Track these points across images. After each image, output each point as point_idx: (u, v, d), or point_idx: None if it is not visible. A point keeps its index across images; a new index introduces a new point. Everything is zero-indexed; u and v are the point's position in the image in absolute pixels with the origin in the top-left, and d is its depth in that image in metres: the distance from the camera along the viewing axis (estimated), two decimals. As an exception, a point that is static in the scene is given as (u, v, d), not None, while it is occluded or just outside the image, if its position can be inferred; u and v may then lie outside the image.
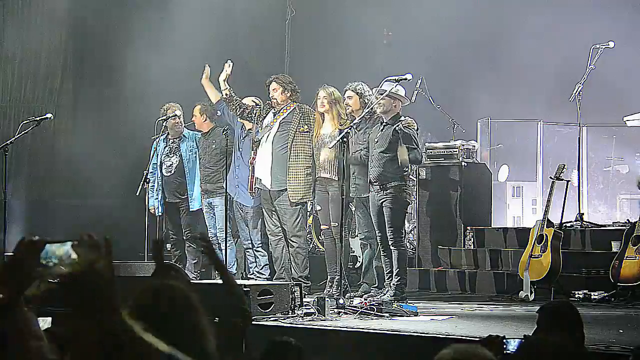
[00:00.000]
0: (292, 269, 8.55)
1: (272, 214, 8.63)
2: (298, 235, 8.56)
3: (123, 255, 8.23)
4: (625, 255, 7.64)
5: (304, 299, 7.14)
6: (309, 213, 9.75)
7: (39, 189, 10.98)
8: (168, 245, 9.64)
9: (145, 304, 2.37)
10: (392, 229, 7.76)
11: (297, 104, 8.65)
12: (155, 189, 9.42)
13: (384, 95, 7.79)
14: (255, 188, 8.72)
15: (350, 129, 7.74)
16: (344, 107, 8.38)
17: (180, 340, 2.31)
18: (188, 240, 9.47)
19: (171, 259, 9.36)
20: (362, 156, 8.10)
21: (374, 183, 7.86)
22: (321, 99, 8.45)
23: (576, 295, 7.75)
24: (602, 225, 9.07)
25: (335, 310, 6.89)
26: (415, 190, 9.44)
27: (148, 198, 9.31)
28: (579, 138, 9.38)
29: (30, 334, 2.38)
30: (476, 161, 9.87)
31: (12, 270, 2.31)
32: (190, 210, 9.42)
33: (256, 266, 9.09)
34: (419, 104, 10.10)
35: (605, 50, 9.05)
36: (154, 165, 9.47)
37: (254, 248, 9.08)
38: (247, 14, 12.02)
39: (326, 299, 6.86)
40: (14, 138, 8.60)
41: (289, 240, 8.56)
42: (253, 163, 8.72)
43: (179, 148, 9.48)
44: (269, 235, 8.76)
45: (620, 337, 5.49)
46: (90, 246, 2.17)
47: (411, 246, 9.81)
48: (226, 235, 8.62)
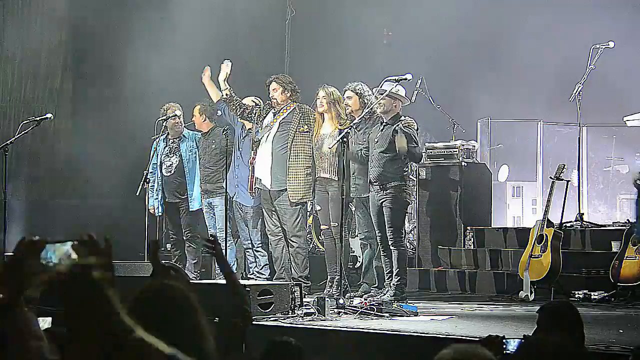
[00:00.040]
0: (292, 269, 8.55)
1: (272, 214, 8.63)
2: (298, 235, 8.56)
3: (123, 255, 8.23)
4: (625, 255, 7.64)
5: (304, 299, 7.14)
6: (309, 213, 9.75)
7: (39, 189, 10.97)
8: (168, 245, 9.64)
9: (143, 304, 2.37)
10: (392, 229, 7.76)
11: (297, 104, 8.65)
12: (155, 189, 9.42)
13: (384, 95, 7.79)
14: (255, 188, 8.72)
15: (350, 129, 7.74)
16: (343, 107, 8.38)
17: (179, 341, 2.31)
18: (188, 240, 9.47)
19: (171, 259, 9.36)
20: (363, 154, 8.10)
21: (374, 183, 7.86)
22: (320, 99, 8.45)
23: (576, 295, 7.75)
24: (602, 225, 9.07)
25: (335, 310, 6.89)
26: (415, 190, 9.43)
27: (148, 198, 9.31)
28: (579, 138, 9.38)
29: (30, 334, 2.38)
30: (476, 161, 9.87)
31: (12, 270, 2.31)
32: (190, 210, 9.42)
33: (256, 266, 9.09)
34: (419, 104, 10.10)
35: (605, 50, 9.05)
36: (154, 165, 9.46)
37: (254, 248, 9.08)
38: (247, 14, 12.02)
39: (326, 299, 6.86)
40: (14, 138, 8.59)
41: (289, 240, 8.56)
42: (253, 163, 8.73)
43: (178, 148, 9.48)
44: (269, 235, 8.76)
45: (620, 337, 5.49)
46: (90, 246, 2.17)
47: (411, 246, 9.81)
48: (226, 235, 8.61)
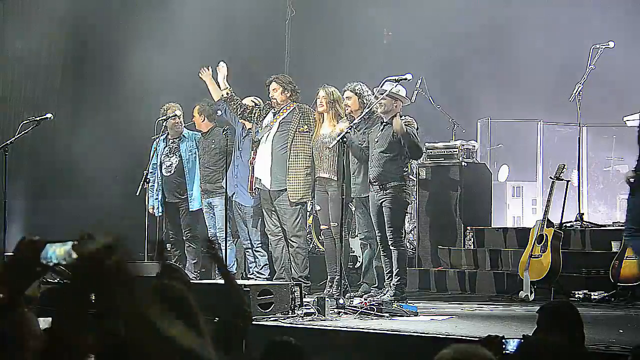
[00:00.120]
0: (292, 269, 8.55)
1: (272, 214, 8.63)
2: (298, 235, 8.56)
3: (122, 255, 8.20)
4: (625, 255, 7.63)
5: (304, 299, 7.14)
6: (308, 213, 9.75)
7: (39, 189, 10.95)
8: (168, 245, 9.64)
9: (139, 304, 2.36)
10: (392, 229, 7.76)
11: (297, 104, 8.65)
12: (155, 189, 9.42)
13: (384, 95, 7.78)
14: (255, 188, 8.72)
15: (350, 129, 7.74)
16: (343, 108, 8.37)
17: (173, 341, 2.31)
18: (188, 240, 9.47)
19: (171, 259, 9.36)
20: (365, 152, 8.08)
21: (374, 183, 7.86)
22: (321, 99, 8.45)
23: (576, 295, 7.75)
24: (602, 225, 9.07)
25: (335, 310, 6.89)
26: (415, 190, 9.44)
27: (148, 198, 9.31)
28: (579, 138, 9.38)
29: (30, 334, 2.38)
30: (476, 161, 9.87)
31: (12, 270, 2.31)
32: (190, 210, 9.42)
33: (256, 266, 9.08)
34: (419, 104, 10.10)
35: (605, 50, 9.05)
36: (154, 165, 9.46)
37: (253, 248, 9.08)
38: (248, 14, 12.02)
39: (326, 299, 6.85)
40: (14, 138, 8.59)
41: (289, 240, 8.56)
42: (253, 163, 8.72)
43: (178, 148, 9.48)
44: (269, 235, 8.75)
45: (620, 337, 5.49)
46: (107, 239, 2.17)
47: (411, 246, 9.81)
48: (226, 235, 8.61)
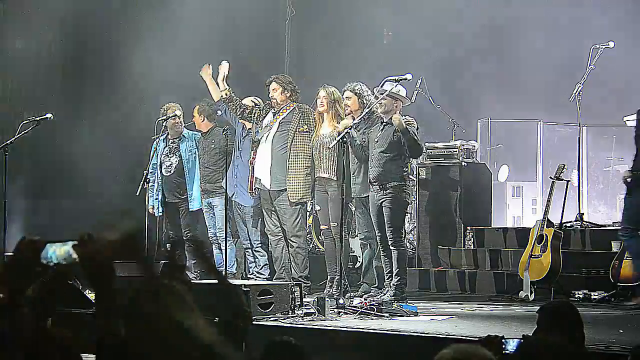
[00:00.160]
0: (292, 269, 8.54)
1: (272, 214, 8.63)
2: (298, 235, 8.55)
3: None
4: (625, 255, 7.62)
5: (304, 299, 7.14)
6: (308, 213, 9.75)
7: (39, 189, 10.95)
8: (168, 245, 9.63)
9: (137, 304, 2.36)
10: (392, 229, 7.75)
11: (297, 103, 8.65)
12: (155, 189, 9.42)
13: (384, 95, 7.78)
14: (255, 188, 8.72)
15: (350, 129, 7.74)
16: (343, 108, 8.37)
17: (172, 342, 2.31)
18: (188, 240, 9.46)
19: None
20: (365, 152, 8.08)
21: (374, 183, 7.85)
22: (321, 99, 8.45)
23: (576, 295, 7.75)
24: (602, 225, 9.07)
25: (335, 310, 6.89)
26: (415, 190, 9.44)
27: (148, 198, 9.30)
28: (579, 138, 9.38)
29: (30, 334, 2.37)
30: (476, 161, 9.87)
31: (12, 270, 2.31)
32: (190, 210, 9.42)
33: (255, 266, 9.08)
34: (419, 104, 10.10)
35: (605, 50, 9.05)
36: (154, 165, 9.46)
37: (253, 248, 9.08)
38: (248, 14, 12.02)
39: (326, 299, 6.85)
40: (14, 138, 8.58)
41: (289, 240, 8.56)
42: (253, 163, 8.72)
43: (178, 148, 9.48)
44: (269, 235, 8.75)
45: (620, 337, 5.49)
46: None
47: (411, 246, 9.81)
48: (226, 235, 8.61)
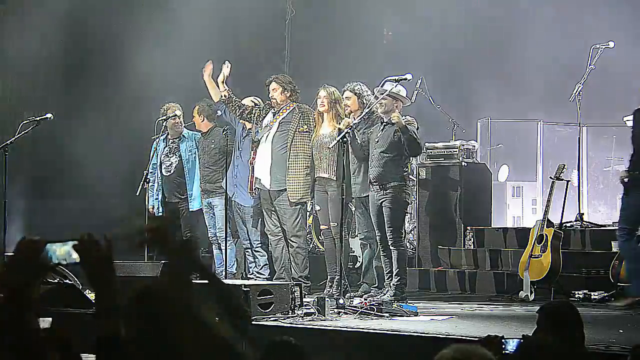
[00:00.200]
0: (292, 269, 8.54)
1: (272, 214, 8.63)
2: (298, 235, 8.55)
3: (123, 255, 8.22)
4: (626, 255, 7.63)
5: (304, 299, 7.14)
6: (308, 213, 9.75)
7: (39, 189, 10.95)
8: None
9: (136, 304, 2.37)
10: (392, 229, 7.75)
11: (297, 103, 8.64)
12: (155, 189, 9.42)
13: (384, 95, 7.78)
14: (255, 188, 8.72)
15: (350, 130, 7.74)
16: (343, 108, 8.37)
17: (172, 342, 2.31)
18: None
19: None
20: (364, 150, 8.07)
21: (374, 183, 7.85)
22: (321, 99, 8.44)
23: (576, 295, 7.75)
24: (602, 225, 9.07)
25: (335, 310, 6.89)
26: (415, 190, 9.44)
27: (148, 198, 9.30)
28: (579, 138, 9.38)
29: (31, 337, 2.37)
30: (476, 161, 9.87)
31: (13, 270, 2.31)
32: (190, 210, 9.42)
33: (255, 266, 9.08)
34: (419, 104, 10.10)
35: (605, 50, 9.05)
36: (154, 165, 9.46)
37: (253, 248, 9.07)
38: (248, 14, 12.02)
39: (326, 299, 6.85)
40: (14, 138, 8.58)
41: (289, 240, 8.55)
42: (252, 163, 8.72)
43: (178, 148, 9.48)
44: (269, 235, 8.75)
45: (620, 337, 5.49)
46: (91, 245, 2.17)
47: (411, 246, 9.81)
48: (226, 235, 8.61)
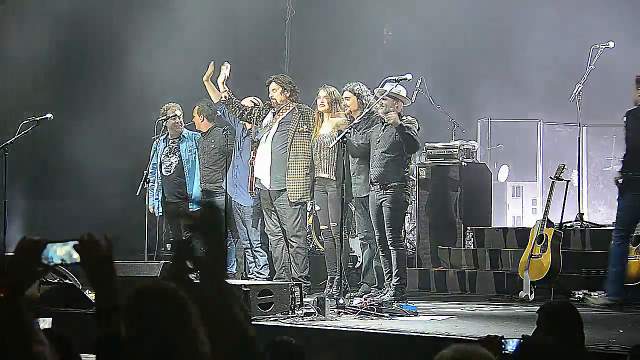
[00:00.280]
0: (292, 269, 8.54)
1: (272, 214, 8.62)
2: (298, 235, 8.55)
3: (123, 255, 8.22)
4: (625, 255, 7.62)
5: (304, 299, 7.14)
6: (308, 213, 9.75)
7: (39, 189, 10.96)
8: (168, 245, 9.63)
9: (136, 304, 2.36)
10: (391, 229, 7.75)
11: (297, 103, 8.64)
12: (155, 188, 9.42)
13: (384, 95, 7.78)
14: (255, 188, 8.72)
15: (350, 130, 7.74)
16: (343, 108, 8.37)
17: (172, 342, 2.30)
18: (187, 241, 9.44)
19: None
20: (361, 148, 8.05)
21: (375, 183, 7.85)
22: (321, 99, 8.44)
23: (576, 295, 7.74)
24: (602, 225, 9.07)
25: (335, 310, 6.89)
26: (415, 190, 9.43)
27: (148, 198, 9.30)
28: (579, 138, 9.38)
29: (31, 337, 2.36)
30: (476, 161, 9.87)
31: (13, 270, 2.31)
32: (190, 210, 9.40)
33: (255, 266, 9.08)
34: (419, 104, 10.10)
35: (605, 50, 9.05)
36: (154, 165, 9.46)
37: (253, 248, 9.07)
38: (248, 14, 12.02)
39: (326, 299, 6.86)
40: (14, 138, 8.58)
41: (289, 240, 8.55)
42: (252, 163, 8.72)
43: (178, 148, 9.47)
44: (269, 235, 8.75)
45: (620, 337, 5.49)
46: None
47: (411, 246, 9.81)
48: (226, 235, 8.60)
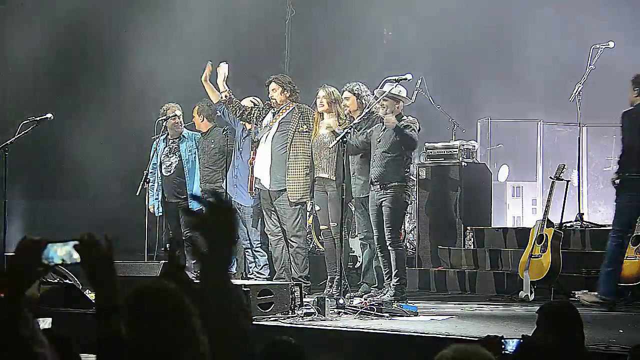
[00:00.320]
0: (292, 269, 8.54)
1: (272, 214, 8.62)
2: (298, 235, 8.55)
3: (123, 255, 8.22)
4: (626, 255, 7.62)
5: (304, 299, 7.14)
6: (308, 213, 9.75)
7: (39, 189, 10.96)
8: (168, 245, 9.62)
9: (136, 304, 2.36)
10: (391, 229, 7.75)
11: (297, 103, 8.64)
12: (155, 188, 9.42)
13: (384, 95, 7.78)
14: (255, 188, 8.72)
15: (349, 130, 7.74)
16: (343, 108, 8.37)
17: (172, 342, 2.30)
18: (187, 240, 9.43)
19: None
20: (359, 145, 8.05)
21: (375, 183, 7.85)
22: (321, 99, 8.44)
23: (576, 295, 7.74)
24: (602, 225, 9.06)
25: (335, 310, 6.89)
26: (415, 190, 9.43)
27: (148, 198, 9.31)
28: (579, 138, 9.38)
29: (31, 337, 2.36)
30: (476, 161, 9.87)
31: (13, 270, 2.31)
32: (191, 209, 9.40)
33: (255, 266, 9.08)
34: (419, 104, 10.10)
35: (605, 50, 9.05)
36: (154, 165, 9.46)
37: (253, 248, 9.07)
38: (248, 14, 12.02)
39: (326, 299, 6.86)
40: (14, 138, 8.58)
41: (289, 240, 8.55)
42: (252, 163, 8.72)
43: (178, 148, 9.47)
44: (269, 235, 8.75)
45: (620, 337, 5.50)
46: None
47: (411, 246, 9.81)
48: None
